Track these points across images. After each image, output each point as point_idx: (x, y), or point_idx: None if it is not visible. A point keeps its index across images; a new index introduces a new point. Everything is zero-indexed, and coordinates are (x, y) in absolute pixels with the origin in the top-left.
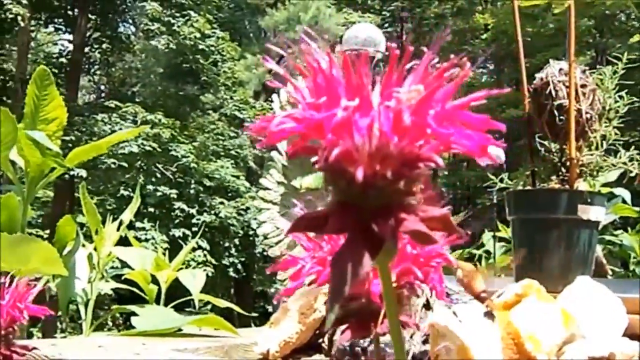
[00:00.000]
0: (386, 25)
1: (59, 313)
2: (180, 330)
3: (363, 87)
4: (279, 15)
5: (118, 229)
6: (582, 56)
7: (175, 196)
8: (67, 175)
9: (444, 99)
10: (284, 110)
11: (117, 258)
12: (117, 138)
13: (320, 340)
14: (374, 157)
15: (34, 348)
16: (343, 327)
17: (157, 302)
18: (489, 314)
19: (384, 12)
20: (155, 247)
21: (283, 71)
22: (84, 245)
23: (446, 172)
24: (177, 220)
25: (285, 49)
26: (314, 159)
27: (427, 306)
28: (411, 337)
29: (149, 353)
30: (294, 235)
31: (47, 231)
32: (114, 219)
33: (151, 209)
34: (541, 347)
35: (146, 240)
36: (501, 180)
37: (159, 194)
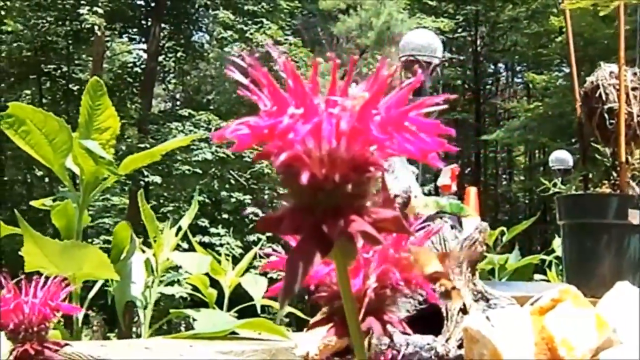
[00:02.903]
0: (460, 29)
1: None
2: (235, 333)
3: (308, 96)
4: (351, 21)
5: (177, 235)
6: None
7: (249, 202)
8: (142, 182)
9: (394, 105)
10: None
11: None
12: (171, 146)
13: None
14: (322, 161)
15: (66, 344)
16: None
17: (221, 307)
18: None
19: (457, 16)
20: (229, 253)
21: (247, 81)
22: (144, 251)
23: (522, 177)
24: (251, 226)
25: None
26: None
27: (464, 310)
28: (447, 341)
29: (193, 354)
30: None
31: None
32: (172, 225)
33: (225, 215)
34: (574, 352)
35: (221, 245)
36: (554, 185)
37: (233, 200)
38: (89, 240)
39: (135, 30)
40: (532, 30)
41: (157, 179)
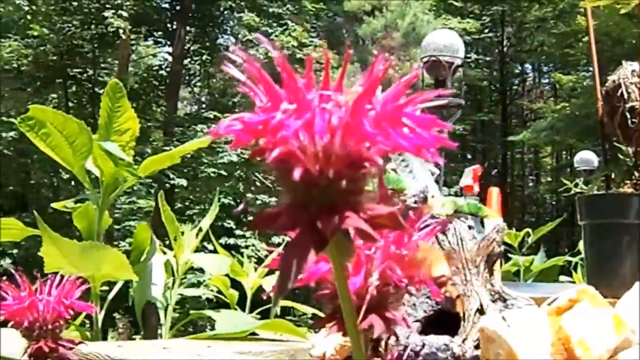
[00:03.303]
0: (486, 30)
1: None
2: (255, 334)
3: (301, 91)
4: (377, 22)
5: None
6: None
7: (274, 204)
8: (167, 185)
9: (390, 100)
10: None
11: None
12: (190, 147)
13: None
14: (316, 157)
15: (80, 342)
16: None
17: (243, 308)
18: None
19: (483, 17)
20: (255, 254)
21: (244, 77)
22: (165, 253)
23: (549, 179)
24: None
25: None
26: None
27: (481, 311)
28: (463, 341)
29: (210, 355)
30: None
31: None
32: (194, 227)
33: (251, 217)
34: (591, 352)
35: (246, 247)
36: (576, 185)
37: (258, 202)
38: (115, 242)
39: (160, 33)
40: (559, 30)
41: (183, 182)
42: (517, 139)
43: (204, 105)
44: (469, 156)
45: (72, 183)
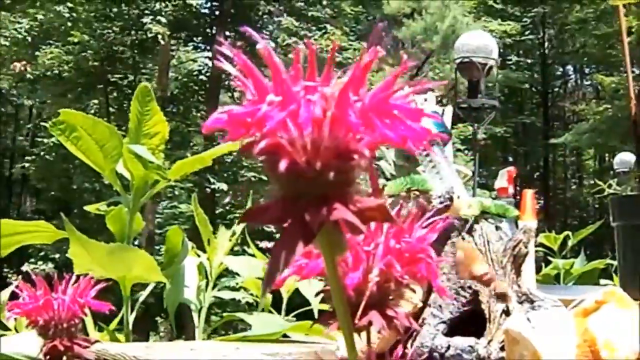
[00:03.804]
0: (527, 32)
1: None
2: (287, 336)
3: (286, 83)
4: (416, 25)
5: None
6: None
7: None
8: (208, 189)
9: (379, 92)
10: None
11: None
12: (220, 151)
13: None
14: (303, 149)
15: (97, 341)
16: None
17: (279, 311)
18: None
19: (524, 19)
20: None
21: (235, 71)
22: (198, 255)
23: (592, 181)
24: None
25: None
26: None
27: (507, 312)
28: (489, 343)
29: (237, 356)
30: None
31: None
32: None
33: None
34: (617, 353)
35: None
36: (609, 186)
37: None
38: (157, 246)
39: (200, 38)
40: (601, 31)
41: (224, 186)
42: (558, 141)
43: None
44: (510, 159)
45: (113, 187)
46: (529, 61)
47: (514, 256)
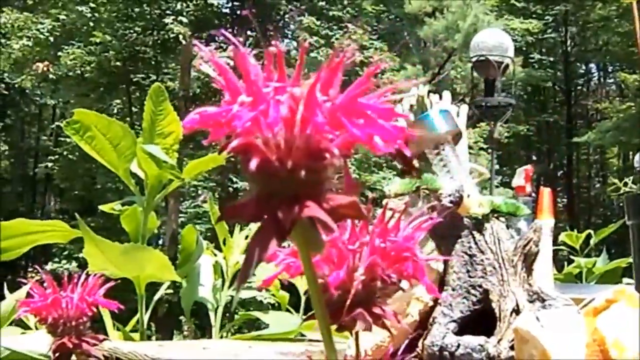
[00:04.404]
0: (549, 30)
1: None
2: (303, 335)
3: (256, 85)
4: (438, 24)
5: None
6: None
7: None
8: (230, 189)
9: (350, 92)
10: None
11: None
12: None
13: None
14: (276, 148)
15: (105, 339)
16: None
17: (298, 310)
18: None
19: (546, 17)
20: None
21: (213, 74)
22: (215, 255)
23: (616, 180)
24: None
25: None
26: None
27: (517, 311)
28: (499, 342)
29: (250, 355)
30: None
31: (212, 244)
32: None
33: None
34: (626, 353)
35: None
36: (625, 184)
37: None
38: (178, 245)
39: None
40: (624, 28)
41: (246, 186)
42: (581, 140)
43: None
44: (534, 157)
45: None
46: (551, 59)
47: (524, 255)
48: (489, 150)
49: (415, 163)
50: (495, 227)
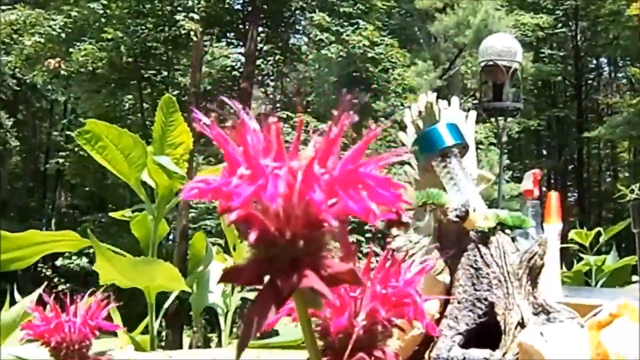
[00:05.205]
0: (560, 25)
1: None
2: None
3: (255, 159)
4: (448, 20)
5: None
6: None
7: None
8: None
9: (348, 162)
10: (415, 124)
11: None
12: None
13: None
14: (275, 218)
15: (109, 359)
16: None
17: None
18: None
19: (556, 12)
20: None
21: (216, 134)
22: (225, 260)
23: (627, 174)
24: (349, 227)
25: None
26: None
27: (522, 324)
28: (504, 355)
29: None
30: None
31: (223, 240)
32: None
33: None
34: None
35: None
36: (632, 192)
37: None
38: (188, 240)
39: (232, 34)
40: (634, 23)
41: None
42: (592, 134)
43: (277, 105)
44: (544, 152)
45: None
46: (561, 54)
47: (529, 268)
48: (499, 147)
49: (404, 218)
50: (501, 241)
